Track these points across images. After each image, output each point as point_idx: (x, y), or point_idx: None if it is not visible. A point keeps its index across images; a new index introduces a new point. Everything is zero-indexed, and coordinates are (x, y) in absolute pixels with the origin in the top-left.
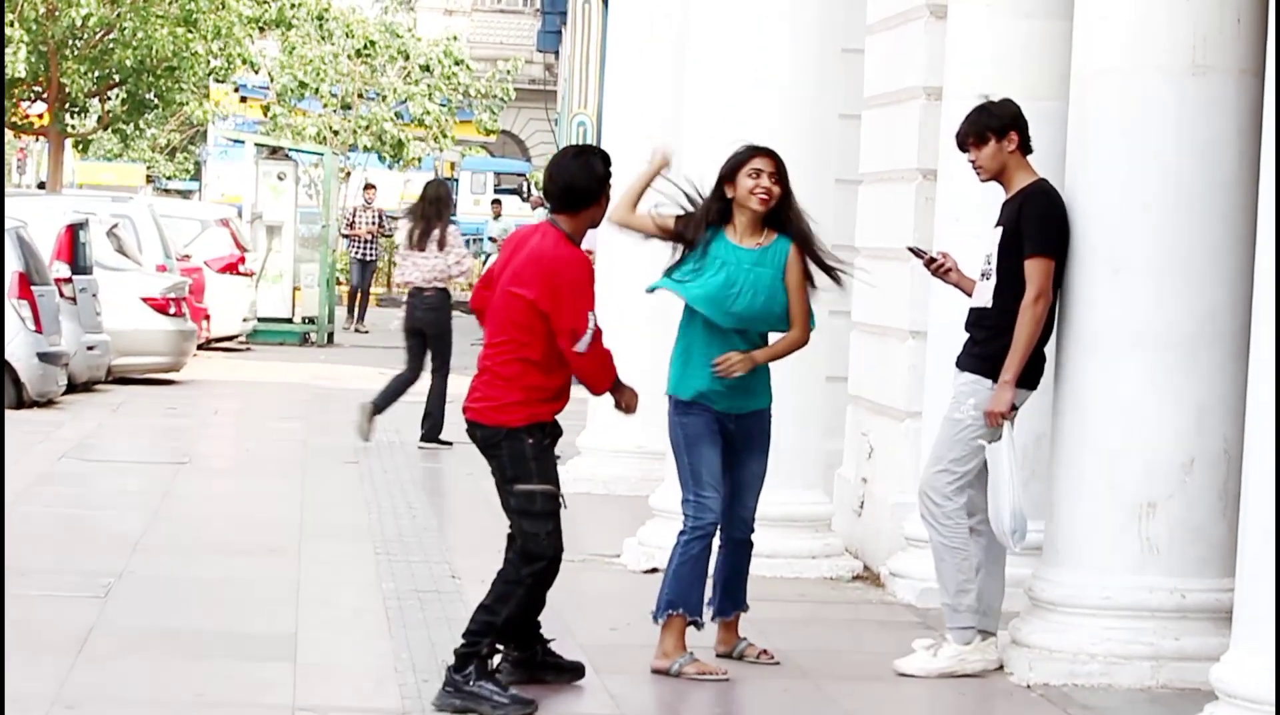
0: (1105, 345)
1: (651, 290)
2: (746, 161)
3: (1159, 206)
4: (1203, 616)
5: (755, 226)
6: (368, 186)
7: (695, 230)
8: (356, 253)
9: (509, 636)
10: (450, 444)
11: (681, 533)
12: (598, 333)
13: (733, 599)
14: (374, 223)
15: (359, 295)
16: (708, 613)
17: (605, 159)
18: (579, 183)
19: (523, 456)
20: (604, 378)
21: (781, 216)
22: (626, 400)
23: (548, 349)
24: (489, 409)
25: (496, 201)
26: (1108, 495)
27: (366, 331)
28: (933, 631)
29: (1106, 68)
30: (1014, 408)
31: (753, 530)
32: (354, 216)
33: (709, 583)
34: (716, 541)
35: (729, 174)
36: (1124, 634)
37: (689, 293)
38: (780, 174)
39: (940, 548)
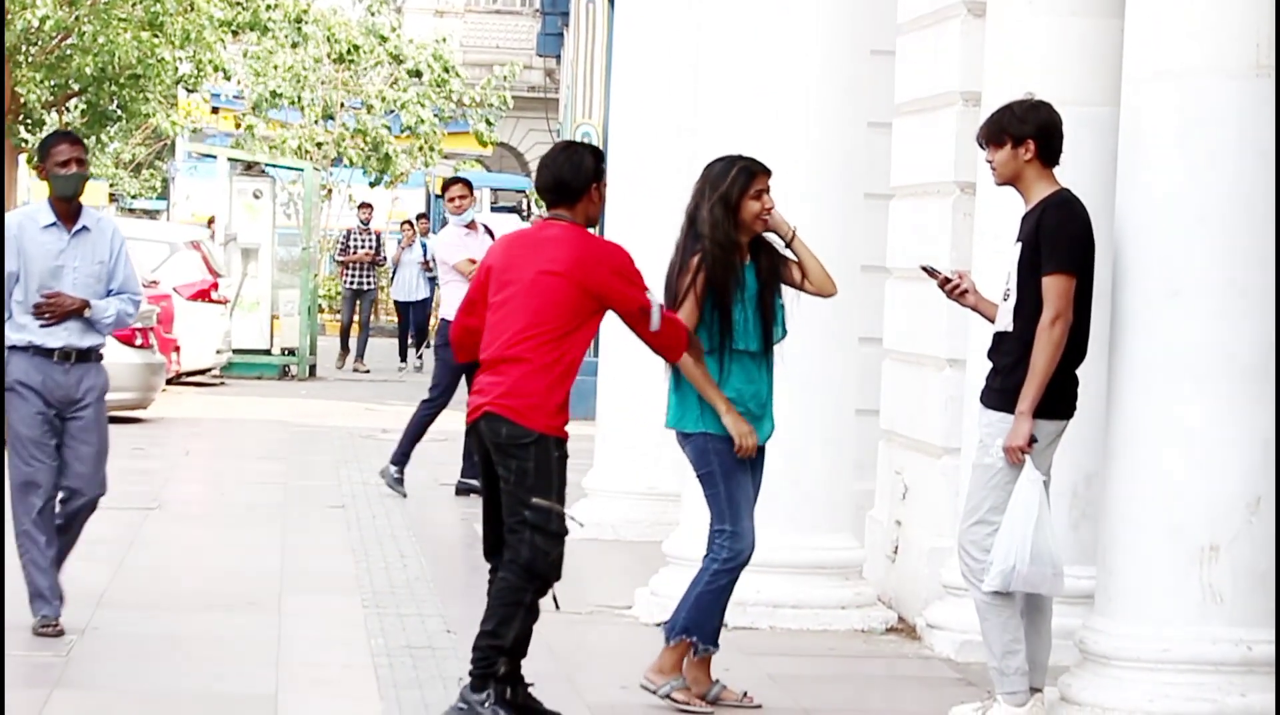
0: (1161, 374)
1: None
2: (752, 181)
3: (1219, 220)
4: (1270, 670)
5: (746, 249)
6: (363, 205)
7: (731, 284)
8: (351, 282)
9: (522, 657)
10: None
11: (712, 561)
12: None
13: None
14: (372, 247)
15: (360, 329)
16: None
17: (597, 154)
18: (566, 177)
19: (549, 469)
20: (680, 341)
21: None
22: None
23: (584, 345)
24: (527, 407)
25: (419, 217)
26: (1165, 538)
27: (368, 370)
28: (975, 688)
29: (1161, 70)
30: (1034, 440)
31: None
32: (348, 239)
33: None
34: (701, 564)
35: (740, 197)
36: (1185, 689)
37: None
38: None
39: (984, 606)
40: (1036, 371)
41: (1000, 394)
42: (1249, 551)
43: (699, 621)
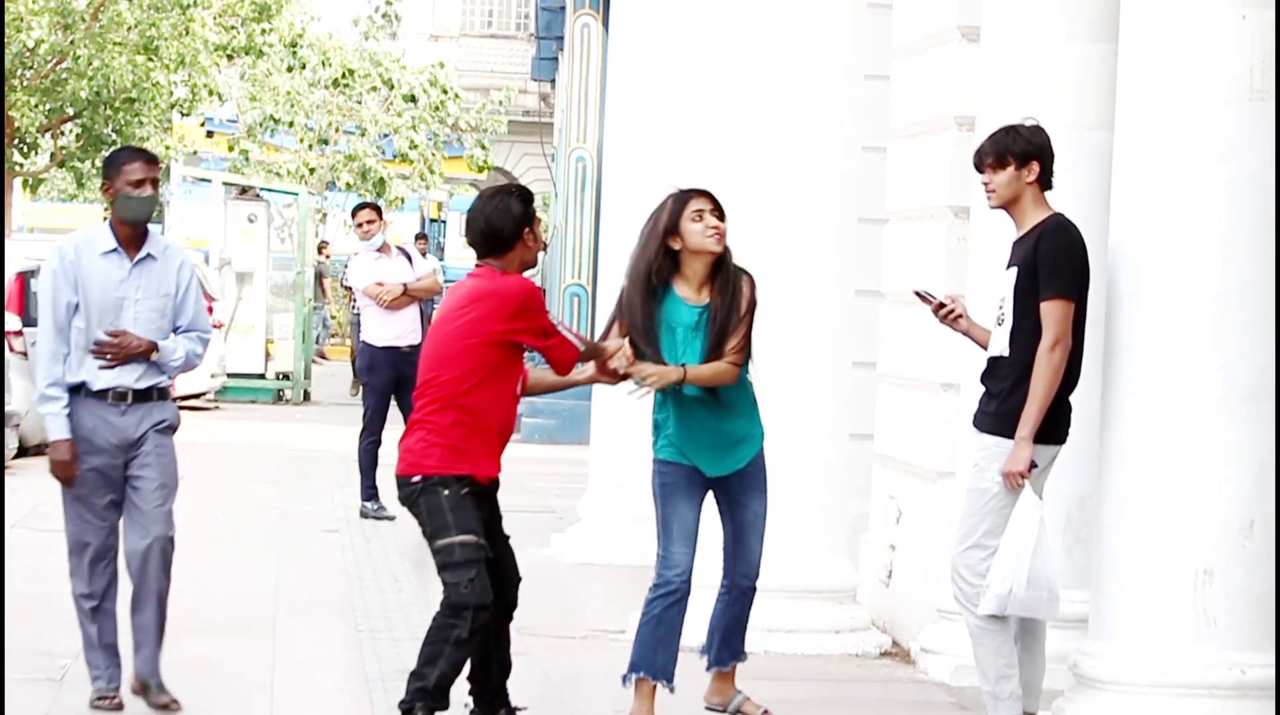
0: (1155, 396)
1: None
2: (685, 205)
3: (1214, 243)
4: (1264, 694)
5: (709, 273)
6: None
7: (647, 334)
8: (357, 307)
9: (445, 704)
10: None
11: (649, 589)
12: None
13: (730, 649)
14: None
15: None
16: (703, 661)
17: (525, 198)
18: (495, 224)
19: (440, 509)
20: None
21: (723, 267)
22: (611, 359)
23: (501, 393)
24: (421, 450)
25: (418, 237)
26: (1159, 562)
27: None
28: (969, 713)
29: (1156, 94)
30: (1033, 465)
31: (758, 576)
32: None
33: (689, 632)
34: (718, 588)
35: (673, 225)
36: (1178, 713)
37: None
38: (719, 208)
39: (978, 631)
40: (1036, 396)
41: (995, 418)
42: (1243, 575)
43: (644, 655)
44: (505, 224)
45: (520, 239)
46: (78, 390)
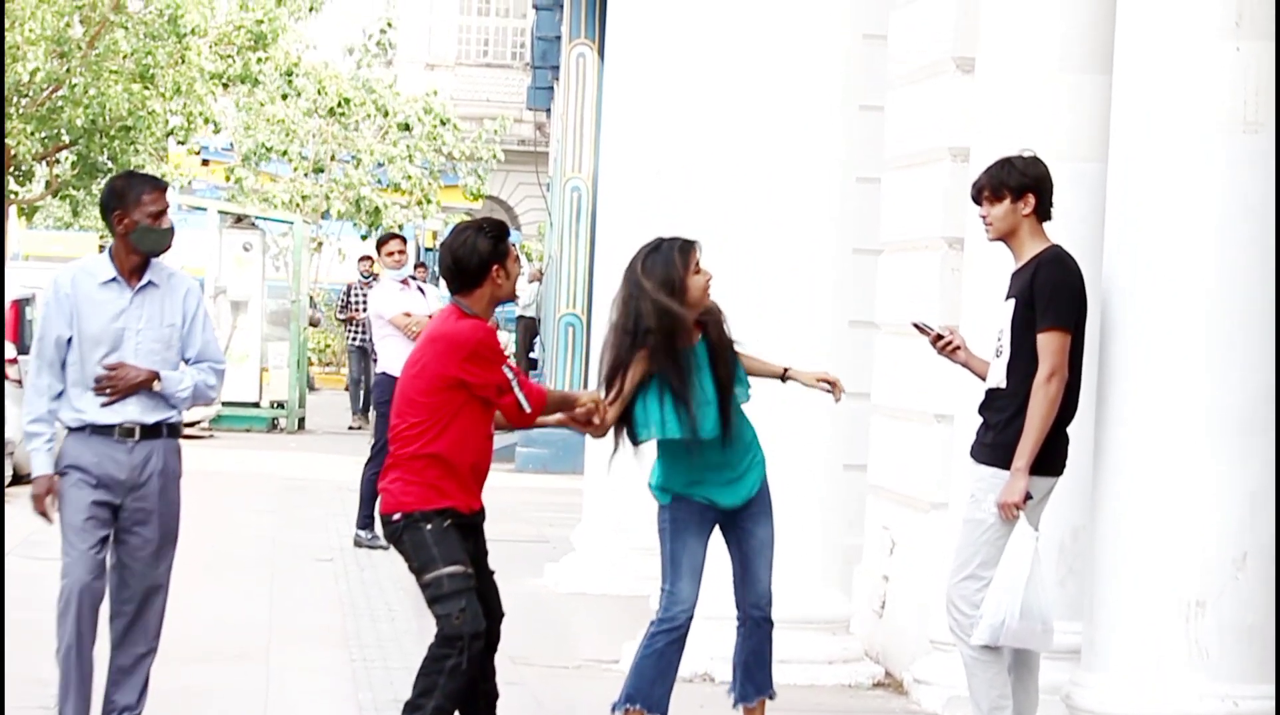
0: (1147, 428)
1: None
2: (690, 256)
3: (1207, 276)
4: None
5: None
6: (365, 258)
7: (685, 373)
8: (355, 338)
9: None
10: None
11: (651, 622)
12: (519, 378)
13: (755, 684)
14: None
15: (366, 385)
16: (729, 699)
17: (496, 234)
18: (461, 260)
19: (424, 543)
20: (537, 409)
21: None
22: (587, 411)
23: (471, 433)
24: (400, 488)
25: (418, 267)
26: (1152, 593)
27: None
28: None
29: (1150, 126)
30: (1029, 496)
31: (769, 605)
32: (349, 294)
33: (711, 666)
34: (734, 621)
35: (684, 275)
36: None
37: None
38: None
39: (972, 662)
40: (1033, 427)
41: (992, 449)
42: (1235, 607)
43: (642, 688)
44: (471, 260)
45: (488, 276)
46: (82, 427)
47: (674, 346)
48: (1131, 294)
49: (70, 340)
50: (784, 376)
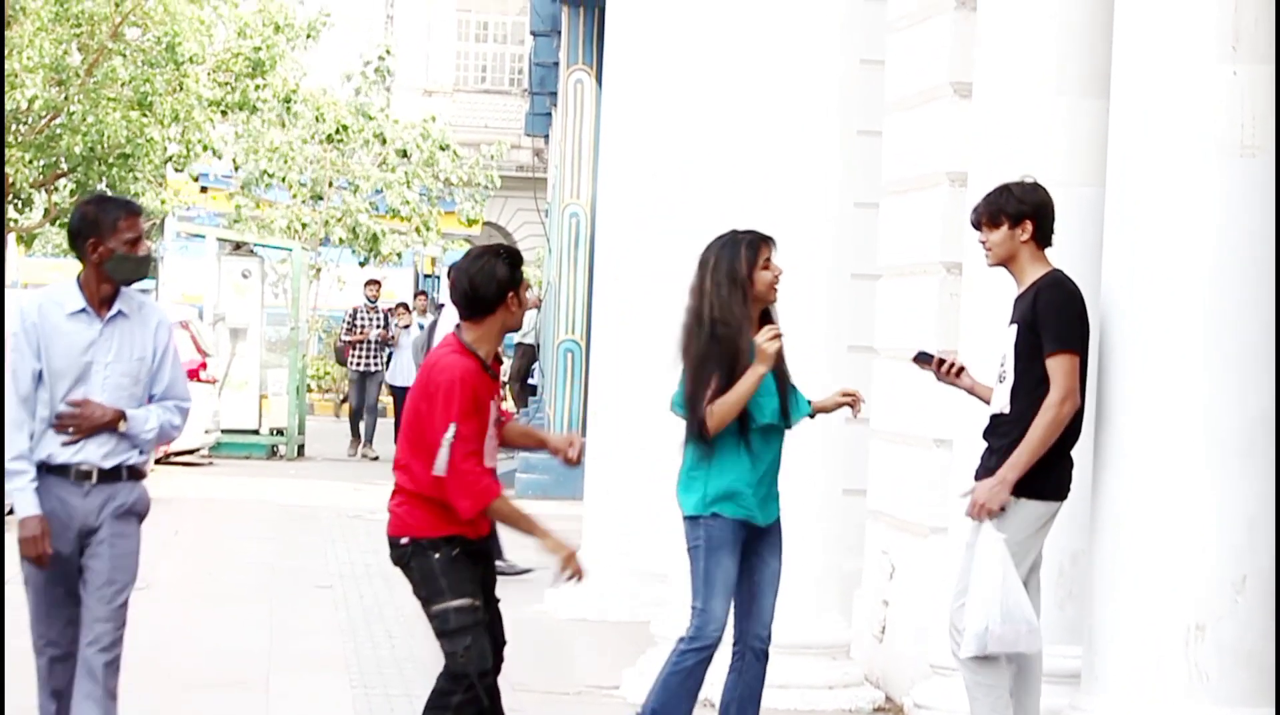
0: (1145, 451)
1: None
2: (760, 251)
3: (1205, 298)
4: None
5: (759, 317)
6: (370, 282)
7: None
8: (358, 364)
9: None
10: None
11: (680, 640)
12: (464, 445)
13: None
14: (381, 325)
15: (368, 413)
16: None
17: (513, 261)
18: (478, 288)
19: (432, 573)
20: (471, 501)
21: (768, 312)
22: (569, 564)
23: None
24: (405, 511)
25: (418, 295)
26: (1151, 617)
27: (376, 456)
28: None
29: (1147, 150)
30: (1003, 509)
31: (770, 637)
32: (353, 318)
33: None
34: (729, 655)
35: (750, 270)
36: None
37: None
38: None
39: (974, 686)
40: (1031, 442)
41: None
42: (1235, 630)
43: (665, 704)
44: (489, 287)
45: (503, 303)
46: (40, 469)
47: (738, 338)
48: (1129, 317)
49: (40, 373)
50: (812, 414)
